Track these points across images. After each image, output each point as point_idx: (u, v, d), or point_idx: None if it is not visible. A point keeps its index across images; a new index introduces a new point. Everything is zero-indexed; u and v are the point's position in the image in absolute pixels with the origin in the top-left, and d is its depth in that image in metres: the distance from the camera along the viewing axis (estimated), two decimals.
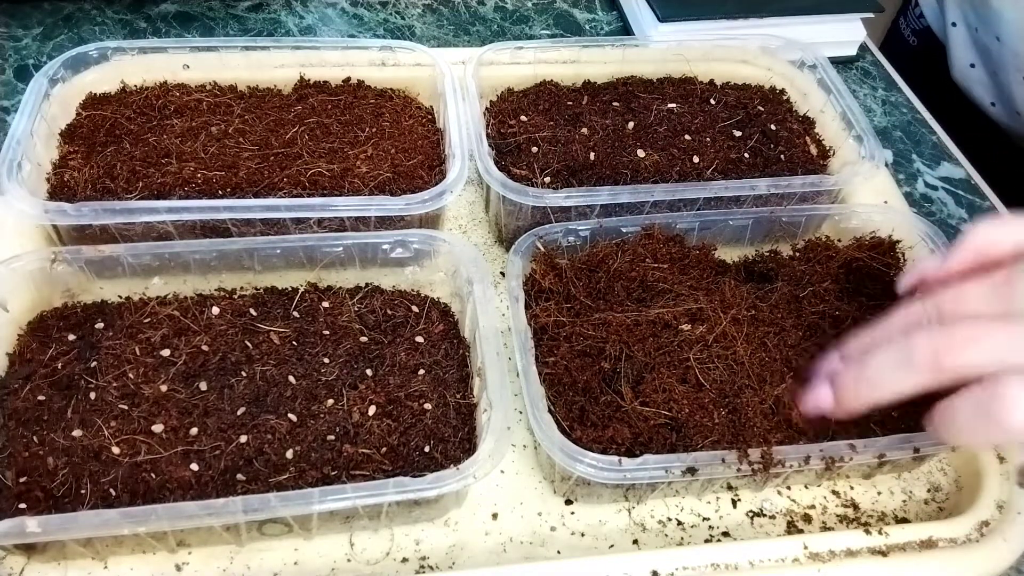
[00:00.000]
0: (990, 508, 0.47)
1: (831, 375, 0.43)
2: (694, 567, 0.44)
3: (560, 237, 0.52)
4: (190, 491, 0.42)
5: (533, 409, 0.43)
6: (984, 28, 0.80)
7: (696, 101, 0.64)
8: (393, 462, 0.44)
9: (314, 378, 0.47)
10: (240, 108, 0.59)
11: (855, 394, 0.41)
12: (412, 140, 0.59)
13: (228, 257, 0.51)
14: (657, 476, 0.42)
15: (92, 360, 0.46)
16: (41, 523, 0.37)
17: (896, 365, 0.38)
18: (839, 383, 0.42)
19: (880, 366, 0.39)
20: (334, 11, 0.81)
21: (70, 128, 0.57)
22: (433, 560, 0.45)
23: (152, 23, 0.77)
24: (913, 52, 0.94)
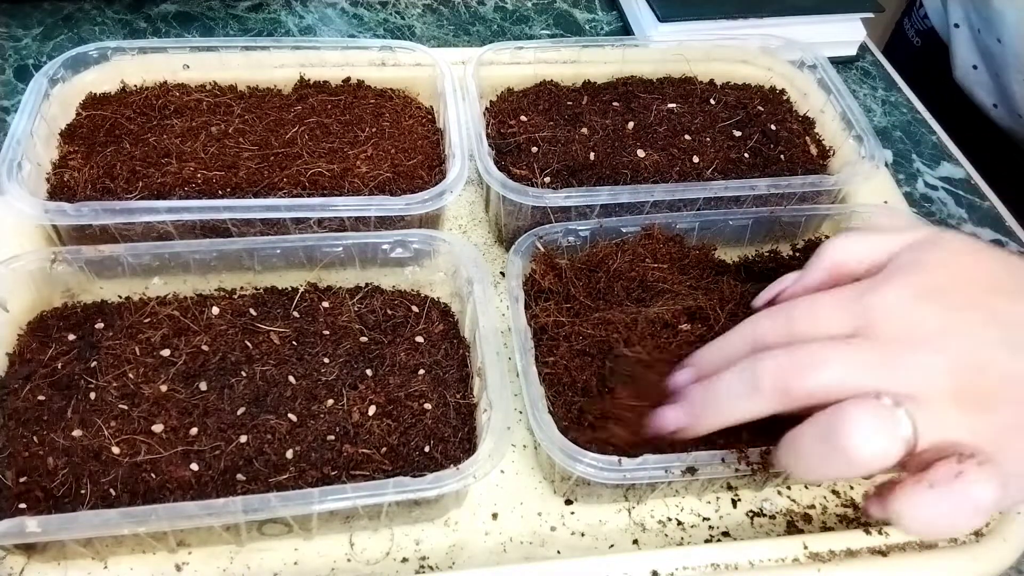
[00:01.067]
0: None
1: (680, 393, 0.41)
2: (694, 567, 0.44)
3: (560, 237, 0.52)
4: (190, 491, 0.42)
5: (533, 409, 0.43)
6: (986, 29, 0.80)
7: (696, 101, 0.64)
8: (393, 462, 0.44)
9: (314, 378, 0.47)
10: (240, 108, 0.59)
11: (702, 416, 0.39)
12: (412, 140, 0.59)
13: (228, 257, 0.51)
14: (657, 476, 0.42)
15: (92, 360, 0.46)
16: (41, 523, 0.37)
17: (743, 390, 0.37)
18: (687, 403, 0.40)
19: (727, 390, 0.38)
20: (334, 11, 0.81)
21: (70, 128, 0.57)
22: (433, 560, 0.45)
23: (152, 23, 0.77)
24: (917, 53, 0.94)
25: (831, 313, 0.37)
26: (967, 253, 0.38)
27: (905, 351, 0.34)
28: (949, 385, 0.33)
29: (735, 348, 0.40)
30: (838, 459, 0.33)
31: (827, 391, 0.34)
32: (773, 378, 0.35)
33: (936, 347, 0.34)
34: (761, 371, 0.36)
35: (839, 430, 0.33)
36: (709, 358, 0.42)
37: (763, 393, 0.36)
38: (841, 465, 0.33)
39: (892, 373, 0.34)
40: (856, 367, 0.34)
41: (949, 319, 0.35)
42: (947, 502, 0.32)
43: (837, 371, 0.34)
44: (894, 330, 0.35)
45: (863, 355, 0.34)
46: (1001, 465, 0.32)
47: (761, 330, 0.39)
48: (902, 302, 0.35)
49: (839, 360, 0.34)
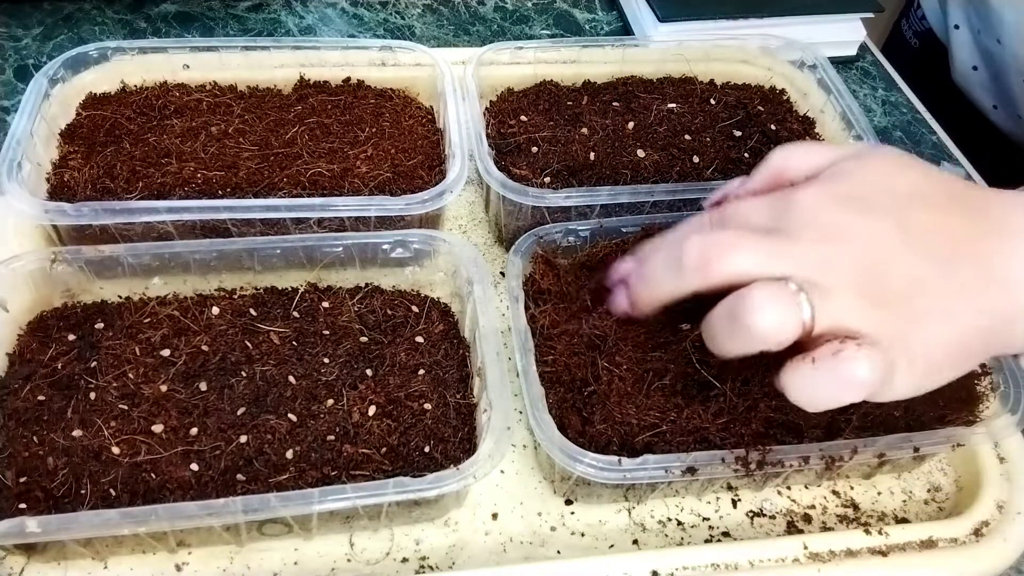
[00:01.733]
0: (990, 508, 0.47)
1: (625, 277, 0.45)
2: (694, 567, 0.44)
3: (560, 237, 0.52)
4: (190, 491, 0.42)
5: (533, 409, 0.43)
6: (986, 31, 0.80)
7: (696, 101, 0.64)
8: (393, 462, 0.44)
9: (314, 378, 0.47)
10: (240, 108, 0.59)
11: (637, 293, 0.43)
12: (412, 140, 0.59)
13: (228, 257, 0.51)
14: (657, 476, 0.42)
15: (92, 360, 0.46)
16: (41, 523, 0.37)
17: (668, 265, 0.40)
18: (630, 283, 0.44)
19: (655, 266, 0.41)
20: (334, 11, 0.81)
21: (70, 128, 0.57)
22: (433, 560, 0.45)
23: (152, 23, 0.77)
24: (914, 54, 0.94)
25: (756, 210, 0.40)
26: (893, 165, 0.41)
27: (816, 245, 0.37)
28: (852, 278, 0.36)
29: (670, 237, 0.43)
30: (742, 333, 0.37)
31: (740, 275, 0.37)
32: (695, 256, 0.38)
33: (844, 244, 0.37)
34: (686, 248, 0.39)
35: (744, 306, 0.36)
36: (646, 247, 0.45)
37: (686, 270, 0.39)
38: (744, 338, 0.37)
39: (800, 263, 0.37)
40: (768, 255, 0.37)
41: (861, 222, 0.38)
42: (824, 376, 0.36)
43: (750, 256, 0.37)
44: (809, 227, 0.38)
45: (776, 245, 0.38)
46: (886, 352, 0.36)
47: (693, 223, 0.43)
48: (820, 203, 0.38)
49: (753, 247, 0.37)
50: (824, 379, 0.36)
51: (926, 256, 0.37)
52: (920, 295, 0.37)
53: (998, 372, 0.47)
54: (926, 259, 0.37)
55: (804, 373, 0.36)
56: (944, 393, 0.46)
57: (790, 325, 0.36)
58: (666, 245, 0.42)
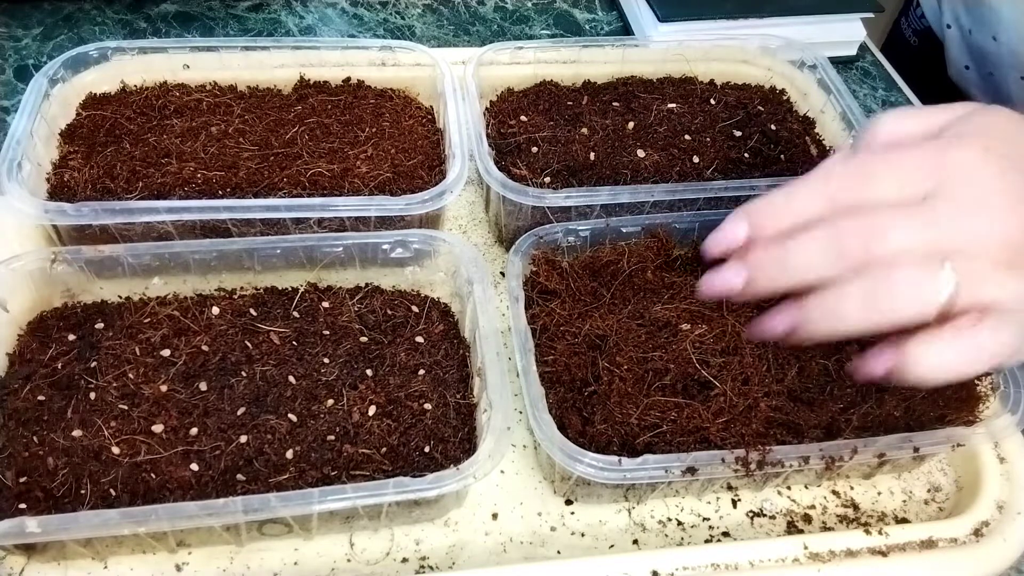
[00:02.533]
0: (990, 508, 0.47)
1: (741, 251, 0.38)
2: (694, 567, 0.44)
3: (560, 237, 0.52)
4: (190, 491, 0.42)
5: (533, 409, 0.43)
6: (979, 29, 0.79)
7: (696, 101, 0.64)
8: (393, 462, 0.44)
9: (314, 378, 0.47)
10: (240, 108, 0.59)
11: (771, 276, 0.37)
12: (412, 140, 0.59)
13: (228, 257, 0.51)
14: (657, 476, 0.42)
15: (92, 360, 0.46)
16: (41, 523, 0.37)
17: (823, 254, 0.36)
18: (754, 262, 0.38)
19: (805, 251, 0.36)
20: (334, 11, 0.81)
21: (70, 128, 0.57)
22: (433, 560, 0.45)
23: (152, 23, 0.77)
24: (914, 52, 0.94)
25: (910, 173, 0.37)
26: (1011, 120, 0.39)
27: (970, 210, 0.35)
28: (998, 244, 0.35)
29: (805, 205, 0.38)
30: (879, 313, 0.35)
31: (895, 254, 0.35)
32: (857, 241, 0.35)
33: (996, 209, 0.35)
34: (843, 233, 0.36)
35: (886, 288, 0.35)
36: (770, 212, 0.38)
37: (845, 255, 0.36)
38: (880, 319, 0.35)
39: (953, 231, 0.35)
40: (923, 227, 0.35)
41: (1016, 182, 0.36)
42: (962, 348, 0.35)
43: (909, 238, 0.35)
44: (966, 191, 0.36)
45: (934, 224, 0.35)
46: (1021, 320, 0.35)
47: (836, 185, 0.38)
48: (975, 163, 0.36)
49: (912, 228, 0.35)
50: (961, 350, 0.35)
51: None
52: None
53: (998, 372, 0.47)
54: None
55: (939, 346, 0.35)
56: (944, 393, 0.46)
57: (932, 305, 0.34)
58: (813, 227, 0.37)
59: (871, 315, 0.35)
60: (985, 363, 0.35)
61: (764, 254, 0.38)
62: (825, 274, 0.36)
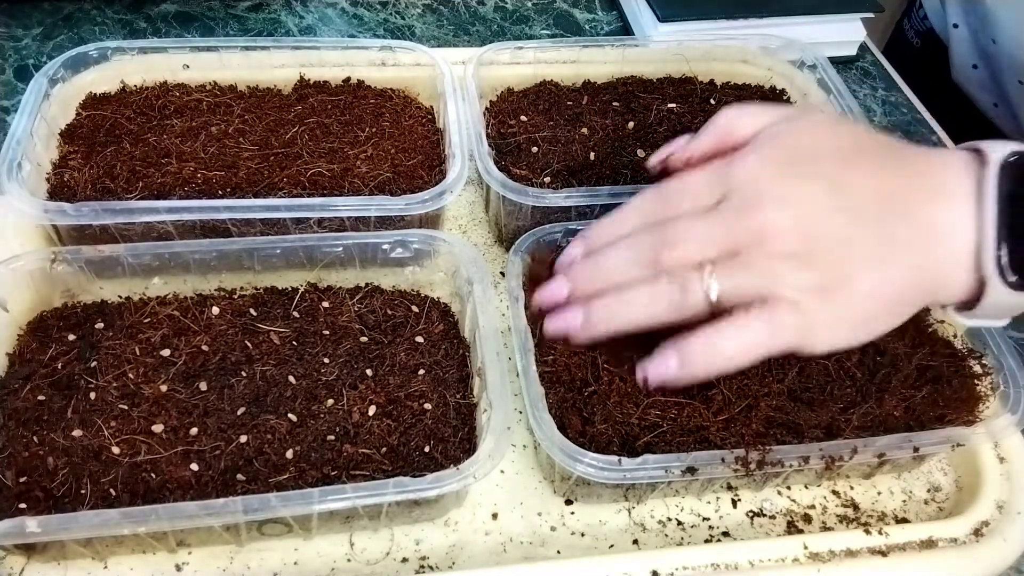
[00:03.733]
0: (990, 508, 0.47)
1: (569, 267, 0.45)
2: (694, 567, 0.44)
3: (560, 237, 0.52)
4: (190, 491, 0.42)
5: (533, 409, 0.43)
6: (983, 30, 0.80)
7: (696, 101, 0.64)
8: (393, 462, 0.44)
9: (314, 378, 0.47)
10: (240, 108, 0.59)
11: (587, 281, 0.43)
12: (412, 140, 0.59)
13: (228, 257, 0.51)
14: (657, 476, 0.42)
15: (92, 360, 0.46)
16: (41, 523, 0.37)
17: (626, 262, 0.42)
18: (574, 274, 0.44)
19: (614, 262, 0.42)
20: (334, 11, 0.81)
21: (70, 128, 0.57)
22: (433, 560, 0.45)
23: (152, 23, 0.77)
24: (916, 53, 0.94)
25: (698, 189, 0.42)
26: (826, 126, 0.43)
27: (750, 214, 0.39)
28: (781, 244, 0.39)
29: (623, 225, 0.44)
30: (650, 304, 0.41)
31: (688, 261, 0.40)
32: (650, 252, 0.41)
33: (777, 210, 0.39)
34: (640, 245, 0.42)
35: (654, 283, 0.41)
36: (599, 234, 0.45)
37: (642, 264, 0.41)
38: (651, 312, 0.41)
39: (735, 237, 0.39)
40: (710, 237, 0.40)
41: (796, 185, 0.40)
42: (732, 334, 0.39)
43: (695, 244, 0.40)
44: (745, 195, 0.40)
45: (715, 226, 0.40)
46: (804, 312, 0.38)
47: (643, 208, 0.44)
48: (758, 170, 0.41)
49: (697, 234, 0.40)
50: (736, 339, 0.39)
51: (858, 215, 0.39)
52: (850, 253, 0.39)
53: (998, 372, 0.47)
54: (858, 218, 0.39)
55: (713, 337, 0.39)
56: (944, 393, 0.46)
57: (695, 307, 0.39)
58: (620, 242, 0.43)
59: (639, 316, 0.41)
60: (764, 348, 0.39)
61: (582, 263, 0.45)
62: (626, 280, 0.42)
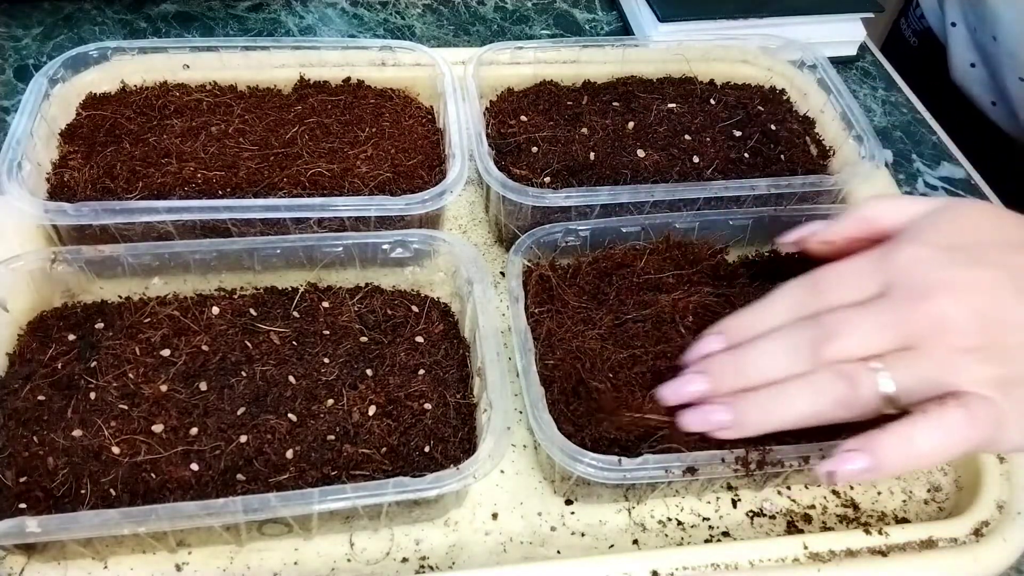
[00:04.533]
0: (990, 508, 0.47)
1: (705, 362, 0.42)
2: (694, 567, 0.44)
3: (560, 237, 0.52)
4: (190, 491, 0.42)
5: (533, 409, 0.43)
6: (982, 28, 0.80)
7: (696, 101, 0.64)
8: (393, 462, 0.44)
9: (314, 378, 0.47)
10: (240, 108, 0.59)
11: (730, 379, 0.40)
12: (412, 140, 0.59)
13: (228, 257, 0.51)
14: (657, 476, 0.42)
15: (92, 360, 0.46)
16: (41, 523, 0.37)
17: (779, 356, 0.39)
18: (716, 369, 0.41)
19: (765, 356, 0.39)
20: (334, 11, 0.81)
21: (70, 128, 0.57)
22: (433, 560, 0.45)
23: (152, 23, 0.77)
24: (914, 53, 0.94)
25: (856, 280, 0.39)
26: (982, 214, 0.41)
27: (922, 303, 0.37)
28: (960, 335, 0.36)
29: (769, 318, 0.41)
30: (854, 405, 0.38)
31: (854, 354, 0.37)
32: (807, 344, 0.38)
33: (952, 299, 0.36)
34: (797, 337, 0.39)
35: (855, 387, 0.37)
36: (740, 327, 0.42)
37: (801, 358, 0.38)
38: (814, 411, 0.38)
39: (906, 329, 0.37)
40: (877, 329, 0.37)
41: (969, 274, 0.37)
42: (926, 429, 0.36)
43: (859, 337, 0.37)
44: (914, 284, 0.37)
45: (883, 317, 0.37)
46: (992, 406, 0.35)
47: (793, 299, 0.41)
48: (921, 258, 0.38)
49: (861, 326, 0.37)
50: (930, 435, 0.36)
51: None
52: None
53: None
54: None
55: (908, 432, 0.36)
56: None
57: (866, 406, 0.37)
58: (771, 334, 0.40)
59: (801, 414, 0.38)
60: (964, 444, 0.36)
61: (723, 358, 0.41)
62: (780, 375, 0.39)
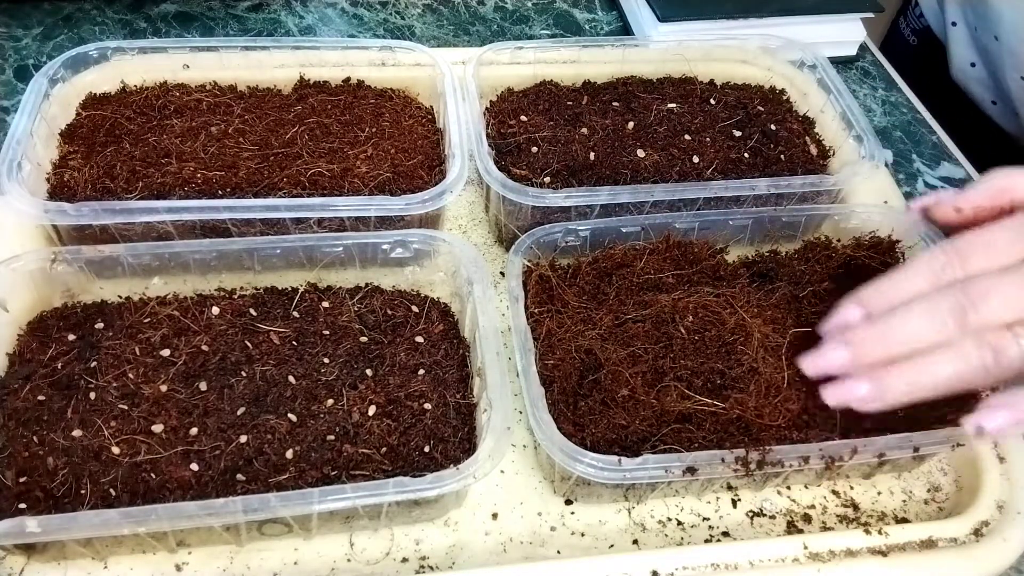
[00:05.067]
0: (990, 508, 0.47)
1: (846, 333, 0.41)
2: (694, 567, 0.44)
3: (560, 237, 0.52)
4: (190, 491, 0.42)
5: (533, 409, 0.43)
6: (983, 27, 0.80)
7: (696, 101, 0.64)
8: (393, 462, 0.44)
9: (314, 378, 0.47)
10: (240, 108, 0.59)
11: (873, 349, 0.39)
12: (412, 140, 0.59)
13: (228, 257, 0.51)
14: (657, 476, 0.42)
15: (92, 360, 0.46)
16: (41, 523, 0.37)
17: (923, 325, 0.38)
18: (858, 340, 0.40)
19: (908, 325, 0.39)
20: (334, 11, 0.81)
21: (70, 128, 0.57)
22: (433, 560, 0.45)
23: (152, 23, 0.77)
24: (913, 52, 0.94)
25: (1000, 246, 0.39)
26: None
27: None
28: None
29: (910, 285, 0.40)
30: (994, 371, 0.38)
31: (1000, 320, 0.37)
32: (954, 308, 0.38)
33: None
34: (942, 301, 0.38)
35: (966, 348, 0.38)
36: (879, 296, 0.41)
37: (946, 326, 0.38)
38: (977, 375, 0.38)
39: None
40: (1021, 295, 0.37)
41: None
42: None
43: (1005, 304, 0.37)
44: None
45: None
46: None
47: (934, 266, 0.40)
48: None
49: (1006, 293, 0.37)
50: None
51: None
52: None
53: None
54: None
55: None
56: None
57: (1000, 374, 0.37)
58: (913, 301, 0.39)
59: (944, 383, 0.38)
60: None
61: (866, 330, 0.40)
62: (924, 344, 0.38)
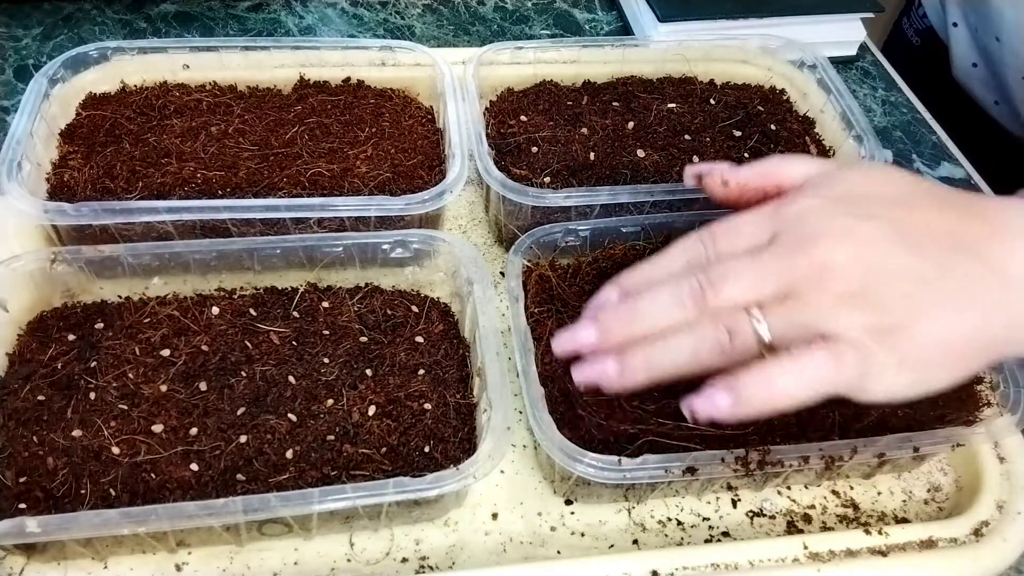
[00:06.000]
0: (990, 508, 0.47)
1: (599, 312, 0.42)
2: (694, 567, 0.44)
3: (560, 237, 0.52)
4: (190, 491, 0.42)
5: (533, 409, 0.43)
6: (984, 28, 0.80)
7: (696, 101, 0.64)
8: (393, 462, 0.44)
9: (314, 378, 0.47)
10: (240, 108, 0.59)
11: (621, 327, 0.41)
12: (412, 140, 0.59)
13: (228, 257, 0.51)
14: (657, 476, 0.42)
15: (92, 360, 0.46)
16: (41, 523, 0.37)
17: (666, 304, 0.40)
18: (606, 319, 0.41)
19: (652, 305, 0.40)
20: (334, 11, 0.81)
21: (70, 128, 0.57)
22: (433, 560, 0.45)
23: (152, 23, 0.77)
24: (916, 52, 0.94)
25: (748, 229, 0.40)
26: (884, 173, 0.42)
27: (805, 250, 0.38)
28: (843, 282, 0.37)
29: (664, 268, 0.42)
30: (696, 352, 0.39)
31: (736, 302, 0.38)
32: (694, 291, 0.39)
33: (834, 246, 0.37)
34: (684, 285, 0.39)
35: (696, 330, 0.39)
36: (636, 278, 0.43)
37: (686, 307, 0.39)
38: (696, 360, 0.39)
39: (789, 276, 0.37)
40: (760, 276, 0.38)
41: (857, 224, 0.38)
42: (790, 370, 0.37)
43: (742, 284, 0.38)
44: (799, 232, 0.38)
45: (766, 264, 0.38)
46: (867, 352, 0.36)
47: (688, 250, 0.42)
48: (811, 208, 0.39)
49: (745, 273, 0.38)
50: (794, 375, 0.37)
51: (924, 255, 0.37)
52: (917, 293, 0.37)
53: (998, 372, 0.47)
54: (924, 258, 0.37)
55: (769, 372, 0.37)
56: (944, 393, 0.46)
57: (735, 354, 0.38)
58: (662, 282, 0.41)
59: (682, 362, 0.39)
60: (826, 384, 0.37)
61: (615, 307, 0.42)
62: (667, 324, 0.39)
